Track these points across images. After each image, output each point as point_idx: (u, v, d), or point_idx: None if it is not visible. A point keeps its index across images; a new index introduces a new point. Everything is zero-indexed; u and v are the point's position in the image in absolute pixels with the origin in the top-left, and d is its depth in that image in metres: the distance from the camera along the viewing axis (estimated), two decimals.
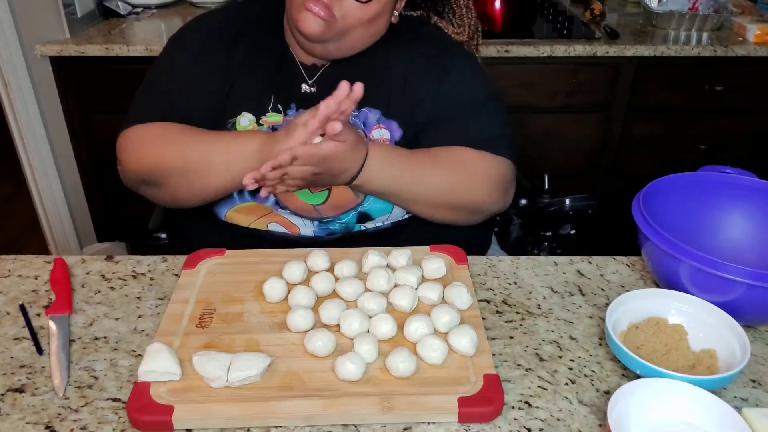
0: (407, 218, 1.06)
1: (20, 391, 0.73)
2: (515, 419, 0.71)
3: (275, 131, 0.93)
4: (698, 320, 0.79)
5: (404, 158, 0.97)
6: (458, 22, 1.11)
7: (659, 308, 0.82)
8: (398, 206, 1.02)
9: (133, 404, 0.69)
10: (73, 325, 0.83)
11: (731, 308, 0.78)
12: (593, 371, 0.77)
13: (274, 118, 1.02)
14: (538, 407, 0.72)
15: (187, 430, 0.68)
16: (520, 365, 0.78)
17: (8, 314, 0.85)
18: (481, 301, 0.89)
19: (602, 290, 0.92)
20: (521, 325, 0.85)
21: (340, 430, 0.69)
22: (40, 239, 2.35)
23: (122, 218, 2.24)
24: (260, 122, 1.02)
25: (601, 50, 1.97)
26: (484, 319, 0.85)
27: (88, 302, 0.88)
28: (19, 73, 2.03)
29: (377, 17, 0.96)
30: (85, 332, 0.82)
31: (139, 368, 0.71)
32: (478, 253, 1.05)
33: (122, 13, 2.20)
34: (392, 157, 0.96)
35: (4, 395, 0.73)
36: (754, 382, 0.76)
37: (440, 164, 0.98)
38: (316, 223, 1.03)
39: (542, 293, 0.91)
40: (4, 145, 2.40)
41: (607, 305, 0.83)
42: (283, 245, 0.98)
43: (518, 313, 0.87)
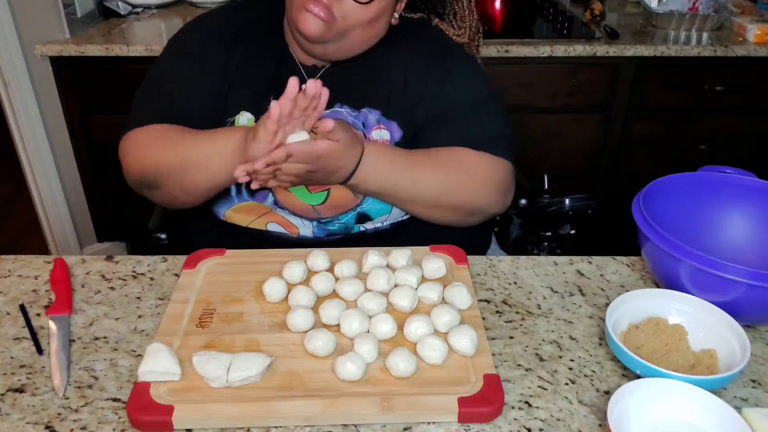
0: (407, 219, 1.06)
1: (20, 391, 0.73)
2: (515, 419, 0.71)
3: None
4: (698, 320, 0.79)
5: (402, 159, 0.97)
6: (459, 23, 1.11)
7: (659, 308, 0.81)
8: (395, 206, 1.02)
9: (133, 404, 0.69)
10: (73, 325, 0.83)
11: (731, 308, 0.78)
12: (593, 371, 0.77)
13: None
14: (538, 407, 0.72)
15: (187, 430, 0.68)
16: (520, 365, 0.78)
17: (8, 314, 0.85)
18: (481, 301, 0.89)
19: (602, 290, 0.92)
20: (521, 325, 0.85)
21: (340, 430, 0.69)
22: (40, 239, 2.35)
23: (122, 218, 2.24)
24: None
25: (601, 50, 1.97)
26: (484, 319, 0.85)
27: (88, 302, 0.88)
28: (19, 73, 2.03)
29: (377, 18, 0.96)
30: (85, 332, 0.82)
31: (139, 368, 0.71)
32: (478, 253, 1.05)
33: (122, 13, 2.20)
34: (389, 157, 0.96)
35: (4, 395, 0.73)
36: (754, 382, 0.76)
37: (439, 165, 0.98)
38: (315, 223, 1.03)
39: (542, 293, 0.91)
40: (4, 145, 2.40)
41: (607, 305, 0.83)
42: (282, 245, 0.98)
43: (518, 313, 0.87)
